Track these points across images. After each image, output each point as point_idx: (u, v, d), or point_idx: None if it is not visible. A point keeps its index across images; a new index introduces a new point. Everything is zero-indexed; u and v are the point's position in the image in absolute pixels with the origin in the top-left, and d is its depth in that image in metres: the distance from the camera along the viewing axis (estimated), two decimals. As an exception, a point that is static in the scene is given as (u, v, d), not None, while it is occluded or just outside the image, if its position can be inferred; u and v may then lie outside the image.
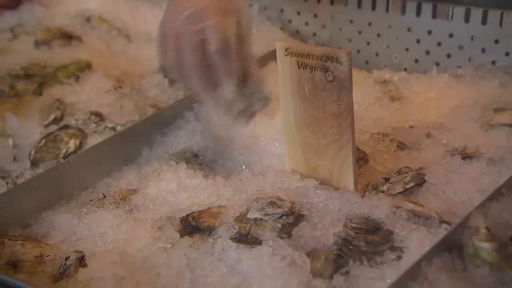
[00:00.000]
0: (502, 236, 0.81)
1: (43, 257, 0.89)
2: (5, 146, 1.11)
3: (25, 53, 1.40)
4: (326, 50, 0.88)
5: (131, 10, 1.57)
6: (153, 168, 1.06)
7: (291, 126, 0.96)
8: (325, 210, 0.89)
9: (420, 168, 0.98)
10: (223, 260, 0.84)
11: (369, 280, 0.79)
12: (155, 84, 1.28)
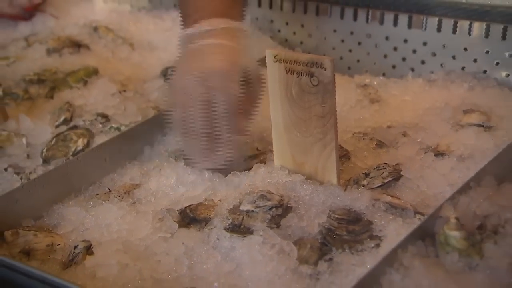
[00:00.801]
0: (470, 226, 0.81)
1: (54, 246, 0.89)
2: (19, 145, 1.11)
3: (38, 60, 1.39)
4: (312, 57, 0.88)
5: (135, 21, 1.57)
6: (154, 164, 1.06)
7: (279, 126, 0.96)
8: (310, 203, 0.90)
9: (397, 164, 0.98)
10: (218, 248, 0.85)
11: (350, 266, 0.79)
12: (156, 88, 1.28)
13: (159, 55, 1.43)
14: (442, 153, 1.01)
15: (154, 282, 0.80)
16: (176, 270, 0.82)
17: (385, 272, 0.75)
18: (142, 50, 1.46)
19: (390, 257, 0.76)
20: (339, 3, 1.40)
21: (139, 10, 1.66)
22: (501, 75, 1.23)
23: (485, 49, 1.24)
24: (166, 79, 1.30)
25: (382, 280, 0.74)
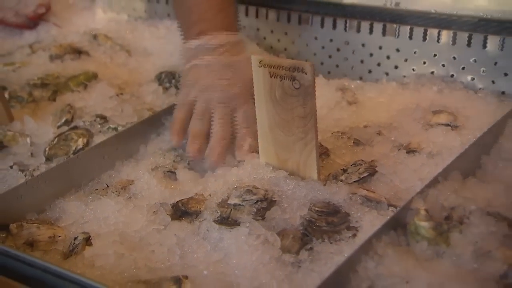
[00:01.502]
0: (438, 216, 0.81)
1: (55, 237, 0.88)
2: (24, 144, 1.10)
3: (42, 66, 1.39)
4: (294, 62, 0.88)
5: (131, 29, 1.57)
6: (149, 162, 1.05)
7: (264, 126, 0.95)
8: (293, 197, 0.89)
9: (372, 160, 0.98)
10: (207, 239, 0.84)
11: (329, 254, 0.79)
12: (151, 92, 1.28)
13: (153, 61, 1.42)
14: (413, 150, 1.01)
15: (148, 270, 0.80)
16: (169, 260, 0.82)
17: (360, 260, 0.75)
18: (138, 56, 1.46)
19: (366, 246, 0.76)
20: (320, 13, 1.40)
21: (135, 19, 1.65)
22: (467, 78, 1.24)
23: (452, 55, 1.24)
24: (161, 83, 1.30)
25: (358, 267, 0.75)
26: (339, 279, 0.73)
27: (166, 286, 0.76)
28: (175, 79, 1.31)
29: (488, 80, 1.21)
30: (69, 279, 0.74)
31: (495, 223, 0.80)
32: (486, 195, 0.88)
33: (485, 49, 1.21)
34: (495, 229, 0.79)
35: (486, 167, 0.97)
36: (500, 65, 1.20)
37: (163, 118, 1.15)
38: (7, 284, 0.76)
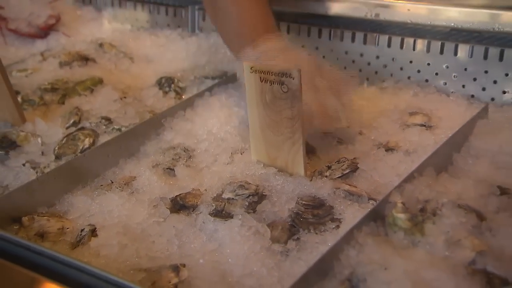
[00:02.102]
0: (414, 209, 0.82)
1: (64, 229, 0.88)
2: (35, 143, 1.10)
3: (52, 72, 1.38)
4: (282, 68, 0.88)
5: (134, 38, 1.57)
6: (150, 160, 1.05)
7: (255, 127, 0.95)
8: (282, 191, 0.89)
9: (354, 158, 0.98)
10: (203, 230, 0.84)
11: (314, 244, 0.79)
12: (152, 95, 1.27)
13: (154, 67, 1.42)
14: (391, 148, 1.01)
15: (149, 259, 0.80)
16: (168, 249, 0.81)
17: (343, 249, 0.75)
18: (140, 63, 1.45)
19: (348, 236, 0.76)
20: (307, 23, 1.40)
21: (138, 29, 1.65)
22: (440, 83, 1.24)
23: (426, 61, 1.25)
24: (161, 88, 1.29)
25: (341, 256, 0.75)
26: (324, 266, 0.73)
27: (166, 273, 0.75)
28: (174, 84, 1.30)
29: (459, 84, 1.22)
30: (76, 267, 0.73)
31: (465, 214, 0.80)
32: (457, 189, 0.88)
33: (456, 56, 1.21)
34: (465, 220, 0.79)
35: (457, 164, 0.97)
36: (469, 71, 1.20)
37: (163, 120, 1.15)
38: (20, 272, 0.75)
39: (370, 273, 0.71)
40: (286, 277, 0.74)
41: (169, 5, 1.60)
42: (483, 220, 0.80)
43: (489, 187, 0.88)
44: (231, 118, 1.13)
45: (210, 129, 1.11)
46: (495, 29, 1.18)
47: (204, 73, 1.35)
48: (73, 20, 1.67)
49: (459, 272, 0.70)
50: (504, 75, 1.17)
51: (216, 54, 1.42)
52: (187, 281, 0.75)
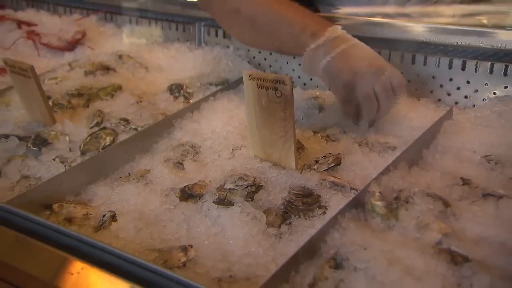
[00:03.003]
0: (389, 197, 0.81)
1: (88, 215, 0.88)
2: (64, 141, 1.09)
3: (78, 80, 1.37)
4: (276, 76, 0.88)
5: (149, 50, 1.56)
6: (162, 155, 1.04)
7: (253, 126, 0.95)
8: (276, 182, 0.89)
9: (338, 153, 0.97)
10: (208, 216, 0.84)
11: (304, 228, 0.79)
12: (164, 100, 1.26)
13: (166, 76, 1.41)
14: (370, 145, 1.00)
15: (161, 241, 0.80)
16: (177, 232, 0.81)
17: (329, 232, 0.75)
18: (154, 72, 1.45)
19: (332, 221, 0.76)
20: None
21: (152, 43, 1.64)
22: (412, 89, 1.23)
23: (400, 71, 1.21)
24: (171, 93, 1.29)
25: (326, 238, 0.74)
26: (312, 247, 0.72)
27: (175, 253, 0.75)
28: (183, 90, 1.29)
29: (427, 91, 1.21)
30: (99, 248, 0.73)
31: (433, 202, 0.80)
32: (426, 180, 0.88)
33: (425, 66, 1.21)
34: (433, 206, 0.79)
35: (426, 159, 0.97)
36: (436, 79, 1.20)
37: (173, 121, 1.14)
38: (51, 251, 0.75)
39: (352, 253, 0.70)
40: (279, 256, 0.74)
41: (178, 22, 1.60)
42: (448, 207, 0.80)
43: (453, 179, 0.88)
44: (232, 119, 1.13)
45: (214, 128, 1.11)
46: (458, 43, 1.18)
47: (209, 81, 1.35)
48: (96, 35, 1.67)
49: (428, 251, 0.70)
50: (466, 82, 1.17)
51: (219, 64, 1.42)
52: (194, 260, 0.74)
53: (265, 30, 1.04)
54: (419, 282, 0.65)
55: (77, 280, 0.70)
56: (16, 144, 1.09)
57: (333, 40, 0.95)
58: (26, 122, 1.18)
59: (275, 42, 1.07)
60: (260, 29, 1.06)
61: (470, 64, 1.15)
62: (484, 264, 0.67)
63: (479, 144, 0.98)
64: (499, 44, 1.13)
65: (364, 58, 0.96)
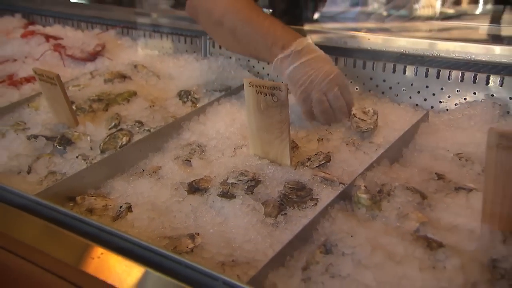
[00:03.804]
0: (373, 191, 0.81)
1: (107, 206, 0.87)
2: (86, 141, 1.08)
3: (98, 87, 1.36)
4: (273, 83, 0.87)
5: (160, 61, 1.55)
6: (172, 153, 1.04)
7: (253, 128, 0.94)
8: (273, 177, 0.89)
9: (328, 152, 0.97)
10: (213, 207, 0.83)
11: (298, 218, 0.79)
12: (174, 104, 1.26)
13: (175, 83, 1.40)
14: (356, 144, 1.00)
15: (172, 229, 0.79)
16: (186, 222, 0.81)
17: (319, 221, 0.75)
18: (165, 79, 1.44)
19: (323, 211, 0.76)
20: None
21: (163, 54, 1.63)
22: (392, 95, 1.23)
23: (383, 78, 1.24)
24: (180, 98, 1.28)
25: (318, 227, 0.74)
26: (305, 235, 0.72)
27: (184, 240, 0.75)
28: (191, 96, 1.29)
29: (406, 96, 1.21)
30: (116, 235, 0.72)
31: (411, 194, 0.80)
32: (405, 175, 0.88)
33: (405, 74, 1.20)
34: (411, 199, 0.79)
35: (406, 156, 0.96)
36: (414, 86, 1.19)
37: (182, 123, 1.13)
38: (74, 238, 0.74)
39: (340, 240, 0.70)
40: (276, 243, 0.73)
41: (187, 35, 1.59)
42: (424, 199, 0.80)
43: (429, 174, 0.88)
44: (234, 122, 1.12)
45: (218, 130, 1.10)
46: (433, 55, 1.17)
47: (213, 87, 1.34)
48: (114, 48, 1.66)
49: (407, 238, 0.70)
50: (440, 89, 1.16)
51: (222, 73, 1.41)
52: (200, 246, 0.74)
53: (244, 40, 1.06)
54: (399, 265, 0.65)
55: (97, 264, 0.70)
56: (44, 144, 1.09)
57: (298, 52, 0.98)
58: (53, 124, 1.17)
59: (252, 52, 1.09)
60: (239, 39, 1.08)
61: (443, 73, 1.14)
62: (456, 249, 0.67)
63: (452, 143, 0.98)
64: (469, 56, 1.13)
65: (320, 68, 0.97)
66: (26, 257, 0.77)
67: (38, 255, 0.75)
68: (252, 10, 1.06)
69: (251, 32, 1.03)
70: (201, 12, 1.15)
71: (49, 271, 0.74)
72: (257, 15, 1.05)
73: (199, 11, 1.15)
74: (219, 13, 1.09)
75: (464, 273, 0.63)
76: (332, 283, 0.64)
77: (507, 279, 0.61)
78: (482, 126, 1.01)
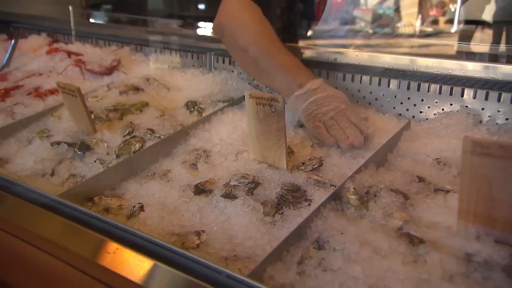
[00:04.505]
0: (361, 192, 0.81)
1: (122, 206, 0.87)
2: (103, 147, 1.08)
3: (114, 98, 1.36)
4: (271, 95, 0.87)
5: (170, 74, 1.55)
6: (180, 158, 1.03)
7: (253, 135, 0.94)
8: (271, 180, 0.88)
9: (320, 157, 0.96)
10: (217, 207, 0.83)
11: (293, 216, 0.78)
12: (182, 113, 1.25)
13: (183, 95, 1.40)
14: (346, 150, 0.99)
15: (180, 227, 0.79)
16: (192, 220, 0.80)
17: (313, 220, 0.74)
18: (174, 91, 1.44)
19: (316, 211, 0.75)
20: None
21: (172, 68, 1.63)
22: (378, 105, 1.23)
23: (369, 91, 1.23)
24: (188, 108, 1.28)
25: (311, 225, 0.74)
26: (300, 232, 0.72)
27: (191, 237, 0.74)
28: (197, 106, 1.28)
29: (391, 107, 1.21)
30: (130, 232, 0.72)
31: (395, 195, 0.80)
32: (390, 178, 0.88)
33: (389, 87, 1.20)
34: (395, 199, 0.79)
35: (390, 161, 0.96)
36: (398, 97, 1.19)
37: (189, 130, 1.13)
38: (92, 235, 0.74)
39: (331, 236, 0.70)
40: (273, 239, 0.73)
41: (193, 52, 1.59)
42: (407, 199, 0.80)
43: (411, 177, 0.88)
44: (236, 129, 1.12)
45: (221, 136, 1.10)
46: (414, 69, 1.17)
47: (217, 98, 1.34)
48: (129, 62, 1.66)
49: (391, 235, 0.70)
50: (420, 100, 1.16)
51: (225, 85, 1.41)
52: (205, 242, 0.74)
53: (265, 72, 1.07)
54: (385, 260, 0.64)
55: (112, 258, 0.69)
56: (65, 149, 1.08)
57: (313, 90, 0.99)
58: (73, 131, 1.17)
59: (270, 83, 1.10)
60: (261, 70, 1.09)
61: (423, 86, 1.15)
62: (435, 245, 0.67)
63: (431, 149, 0.98)
64: (446, 71, 1.13)
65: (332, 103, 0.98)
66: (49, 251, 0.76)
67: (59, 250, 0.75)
68: (274, 45, 1.07)
69: (272, 66, 1.04)
70: (228, 36, 1.15)
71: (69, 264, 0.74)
72: (279, 51, 1.06)
73: (225, 34, 1.14)
74: (245, 42, 1.08)
75: (442, 267, 0.63)
76: (324, 276, 0.63)
77: (480, 271, 0.61)
78: (458, 134, 1.02)
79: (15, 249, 0.80)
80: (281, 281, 0.64)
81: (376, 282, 0.61)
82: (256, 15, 1.10)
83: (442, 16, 2.51)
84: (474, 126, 1.04)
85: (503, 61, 1.09)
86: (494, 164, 0.62)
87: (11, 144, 1.15)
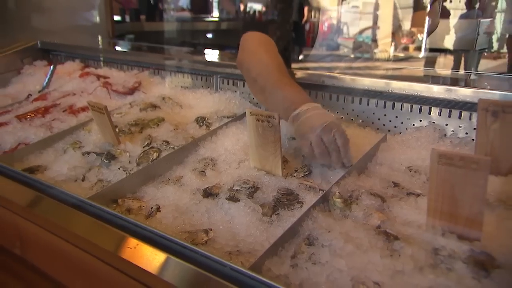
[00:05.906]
0: (345, 195, 0.81)
1: (141, 207, 0.87)
2: (125, 156, 1.08)
3: (135, 114, 1.36)
4: (268, 113, 0.88)
5: (182, 94, 1.55)
6: (191, 166, 1.03)
7: (253, 146, 0.94)
8: (268, 185, 0.88)
9: (310, 165, 0.96)
10: (222, 208, 0.83)
11: (288, 217, 0.78)
12: (192, 128, 1.25)
13: (194, 111, 1.40)
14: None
15: (190, 225, 0.79)
16: (201, 220, 0.80)
17: (304, 220, 0.74)
18: (186, 108, 1.44)
19: (307, 212, 0.75)
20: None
21: (184, 88, 1.64)
22: (359, 121, 1.23)
23: (352, 108, 1.24)
24: (197, 123, 1.28)
25: (303, 224, 0.74)
26: (293, 230, 0.72)
27: (200, 234, 0.74)
28: (205, 121, 1.28)
29: (370, 122, 1.21)
30: (148, 230, 0.72)
31: (374, 198, 0.80)
32: (370, 184, 0.88)
33: (368, 105, 1.21)
34: (374, 202, 0.79)
35: (370, 169, 0.96)
36: (376, 114, 1.20)
37: (199, 142, 1.13)
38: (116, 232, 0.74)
39: (320, 234, 0.70)
40: (271, 236, 0.73)
41: (202, 74, 1.60)
42: (384, 202, 0.80)
43: (388, 182, 0.88)
44: (238, 141, 1.12)
45: (226, 147, 1.10)
46: (389, 91, 1.18)
47: (223, 114, 1.34)
48: (148, 84, 1.66)
49: (371, 233, 0.70)
50: (395, 117, 1.16)
51: (230, 103, 1.42)
52: (212, 239, 0.74)
53: (269, 99, 1.08)
54: (365, 254, 0.64)
55: (133, 252, 0.69)
56: (94, 158, 1.09)
57: (305, 111, 0.99)
58: (101, 143, 1.17)
59: (273, 108, 1.10)
60: (266, 97, 1.10)
61: (397, 105, 1.15)
62: (407, 241, 0.67)
63: (404, 159, 0.98)
64: (415, 92, 1.14)
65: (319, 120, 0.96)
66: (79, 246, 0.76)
67: (88, 245, 0.75)
68: (279, 74, 1.06)
69: (275, 93, 1.04)
70: (244, 68, 1.17)
71: (96, 257, 0.74)
72: (280, 80, 1.05)
73: (243, 67, 1.17)
74: (255, 72, 1.10)
75: (413, 260, 0.63)
76: (314, 268, 0.63)
77: (445, 263, 0.61)
78: (427, 146, 1.02)
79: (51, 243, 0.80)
80: (277, 272, 0.64)
81: (358, 274, 0.61)
82: (269, 50, 1.11)
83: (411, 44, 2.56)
84: (440, 139, 1.05)
85: (462, 85, 1.10)
86: (456, 172, 0.63)
87: (49, 154, 1.15)
